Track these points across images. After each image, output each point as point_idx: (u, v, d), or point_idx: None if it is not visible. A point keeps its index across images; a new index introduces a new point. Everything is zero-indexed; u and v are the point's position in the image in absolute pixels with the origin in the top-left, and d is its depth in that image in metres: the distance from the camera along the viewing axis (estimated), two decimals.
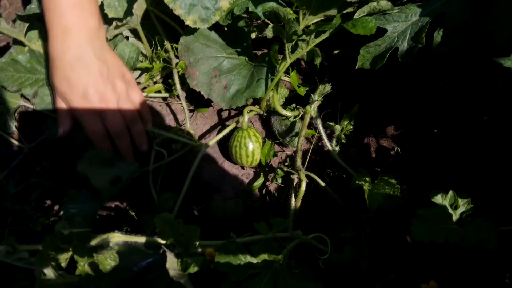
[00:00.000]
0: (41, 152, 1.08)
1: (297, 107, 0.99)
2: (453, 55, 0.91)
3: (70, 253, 0.68)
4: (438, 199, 0.79)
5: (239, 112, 1.11)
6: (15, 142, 1.08)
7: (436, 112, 1.01)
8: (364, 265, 0.82)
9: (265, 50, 1.15)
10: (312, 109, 0.97)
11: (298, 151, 0.94)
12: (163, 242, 0.74)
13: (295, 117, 1.00)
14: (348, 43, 1.02)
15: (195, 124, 1.11)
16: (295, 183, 0.91)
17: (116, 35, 0.99)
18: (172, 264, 0.68)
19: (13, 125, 1.08)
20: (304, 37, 0.85)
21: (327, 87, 0.96)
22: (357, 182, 0.85)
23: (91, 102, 0.90)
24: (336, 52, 1.04)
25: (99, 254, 0.69)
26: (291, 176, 0.92)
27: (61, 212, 0.90)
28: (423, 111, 1.02)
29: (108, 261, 0.70)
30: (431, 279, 0.79)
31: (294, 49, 0.88)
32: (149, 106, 1.10)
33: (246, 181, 1.05)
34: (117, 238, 0.72)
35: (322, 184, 0.91)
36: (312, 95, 0.99)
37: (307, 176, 0.90)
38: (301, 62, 1.15)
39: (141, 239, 0.74)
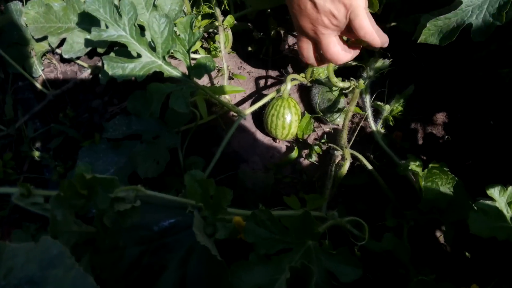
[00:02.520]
0: (65, 101, 1.02)
1: (351, 78, 0.90)
2: None
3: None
4: (495, 193, 0.71)
5: (277, 81, 1.04)
6: (40, 87, 1.02)
7: (496, 102, 0.91)
8: (405, 258, 0.74)
9: None
10: (364, 84, 0.88)
11: (345, 127, 0.86)
12: (189, 202, 0.67)
13: (340, 91, 0.92)
14: (404, 17, 0.93)
15: None
16: (337, 160, 0.83)
17: None
18: (198, 226, 0.61)
19: (40, 70, 1.03)
20: None
21: (386, 62, 0.88)
22: (410, 167, 0.76)
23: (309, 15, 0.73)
24: (390, 25, 0.95)
25: (120, 207, 0.63)
26: (335, 152, 0.84)
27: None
28: (481, 100, 0.93)
29: (128, 215, 0.63)
30: (473, 282, 0.72)
31: None
32: None
33: (277, 155, 0.97)
34: (141, 192, 0.66)
35: (369, 166, 0.83)
36: (368, 68, 0.89)
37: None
38: None
39: (166, 197, 0.67)
